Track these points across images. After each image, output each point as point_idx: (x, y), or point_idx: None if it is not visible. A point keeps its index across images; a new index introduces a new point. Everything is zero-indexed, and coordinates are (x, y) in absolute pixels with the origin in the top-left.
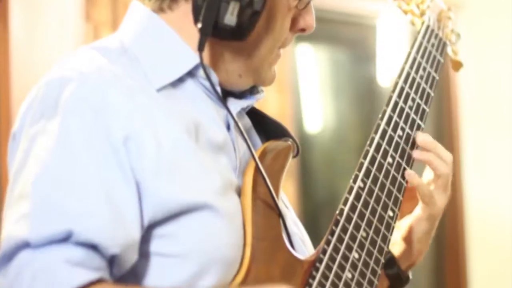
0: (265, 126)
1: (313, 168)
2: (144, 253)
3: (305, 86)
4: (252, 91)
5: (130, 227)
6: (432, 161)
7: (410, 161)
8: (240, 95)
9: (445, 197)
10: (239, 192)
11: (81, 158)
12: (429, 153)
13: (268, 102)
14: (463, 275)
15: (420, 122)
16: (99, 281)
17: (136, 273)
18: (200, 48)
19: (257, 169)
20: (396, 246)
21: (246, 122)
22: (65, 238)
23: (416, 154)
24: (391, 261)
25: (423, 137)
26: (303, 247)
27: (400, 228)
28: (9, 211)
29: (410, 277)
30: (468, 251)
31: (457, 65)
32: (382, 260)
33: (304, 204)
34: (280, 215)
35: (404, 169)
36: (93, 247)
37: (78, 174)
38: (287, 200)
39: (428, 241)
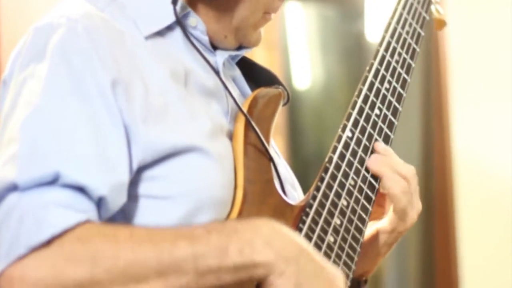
0: (255, 74)
1: (301, 125)
2: (134, 195)
3: (294, 44)
4: (239, 47)
5: (118, 169)
6: (384, 177)
7: (396, 114)
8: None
9: (413, 214)
10: (231, 137)
11: (69, 101)
12: (384, 168)
13: (257, 59)
14: (452, 232)
15: (406, 76)
16: (86, 222)
17: (126, 215)
18: (174, 1)
19: (245, 116)
20: None
21: (235, 71)
22: (53, 181)
23: (369, 163)
24: None
25: (383, 147)
26: (294, 193)
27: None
28: None
29: (362, 285)
30: (457, 206)
31: (441, 24)
32: (370, 208)
33: (293, 160)
34: (271, 160)
35: (390, 120)
36: (81, 189)
37: (66, 116)
38: (277, 148)
39: (384, 253)
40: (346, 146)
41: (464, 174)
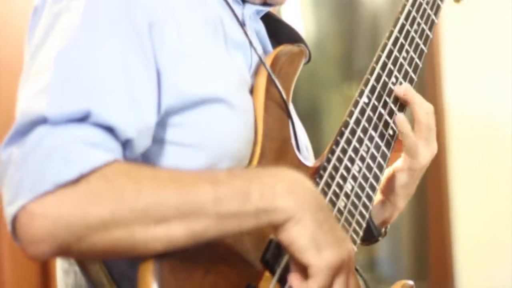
0: (278, 31)
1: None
2: (157, 139)
3: None
4: (265, 3)
5: (147, 112)
6: (414, 102)
7: (412, 83)
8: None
9: (428, 151)
10: (251, 91)
11: (106, 38)
12: (413, 93)
13: None
14: (445, 200)
15: (423, 47)
16: (114, 161)
17: (147, 159)
18: None
19: (268, 71)
20: None
21: (260, 26)
22: (83, 118)
23: (397, 89)
24: None
25: (404, 88)
26: (307, 154)
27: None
28: (26, 87)
29: (383, 233)
30: (450, 171)
31: None
32: (381, 177)
33: None
34: (290, 118)
35: (411, 78)
36: (110, 129)
37: (101, 54)
38: (294, 108)
39: (405, 196)
40: (362, 111)
41: (457, 131)
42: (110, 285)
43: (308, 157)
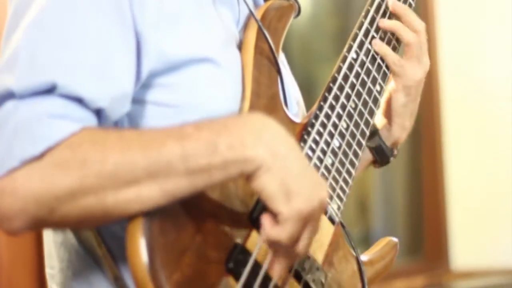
0: None
1: (289, 55)
2: (142, 100)
3: None
4: None
5: (121, 80)
6: (397, 29)
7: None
8: None
9: (419, 68)
10: (240, 47)
11: (78, 5)
12: (395, 22)
13: None
14: (439, 155)
15: (411, 1)
16: (82, 130)
17: (132, 120)
18: None
19: (259, 24)
20: (377, 121)
21: None
22: (49, 90)
23: (381, 23)
24: (373, 134)
25: (393, 2)
26: (298, 109)
27: (381, 104)
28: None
29: (395, 152)
30: (444, 129)
31: None
32: (367, 133)
33: None
34: (279, 73)
35: (394, 45)
36: (78, 100)
37: (73, 23)
38: (285, 60)
39: (408, 115)
40: (350, 67)
41: (451, 94)
42: (99, 245)
43: (298, 113)
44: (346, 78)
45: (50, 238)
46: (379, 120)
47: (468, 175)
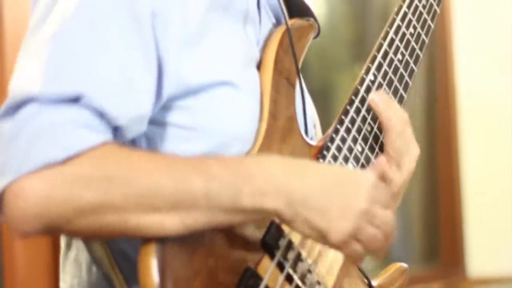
0: (289, 3)
1: (305, 63)
2: (161, 121)
3: None
4: None
5: (141, 102)
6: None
7: (418, 61)
8: None
9: (403, 174)
10: (259, 66)
11: (105, 24)
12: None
13: None
14: (455, 159)
15: (430, 23)
16: (105, 143)
17: (150, 141)
18: None
19: (281, 44)
20: None
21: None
22: (75, 100)
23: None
24: None
25: (378, 99)
26: (314, 131)
27: None
28: (21, 64)
29: None
30: (460, 131)
31: None
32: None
33: None
34: (302, 94)
35: (412, 68)
36: (100, 114)
37: (99, 38)
38: (303, 79)
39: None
40: (368, 89)
41: (467, 100)
42: (111, 265)
43: (315, 135)
44: (363, 100)
45: (63, 253)
46: None
47: (485, 181)
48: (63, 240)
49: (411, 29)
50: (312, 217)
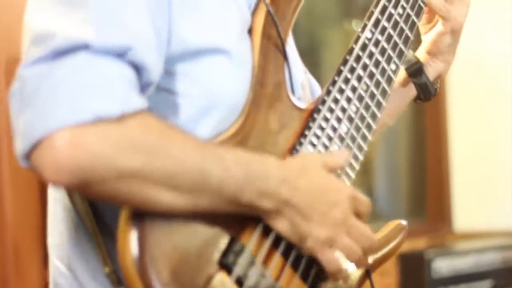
0: None
1: None
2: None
3: None
4: None
5: (162, 58)
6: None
7: (420, 13)
8: None
9: (464, 7)
10: (250, 31)
11: None
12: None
13: None
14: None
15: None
16: (145, 109)
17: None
18: None
19: (268, 10)
20: (421, 57)
21: None
22: (122, 54)
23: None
24: (419, 70)
25: None
26: (303, 92)
27: (424, 42)
28: (56, 12)
29: (438, 88)
30: (448, 91)
31: None
32: (379, 116)
33: None
34: (286, 59)
35: (413, 21)
36: (140, 70)
37: None
38: (293, 41)
39: (452, 52)
40: (364, 47)
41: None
42: (94, 230)
43: (303, 96)
44: (358, 59)
45: (52, 210)
46: (422, 56)
47: (471, 138)
48: (51, 197)
49: None
50: (296, 220)
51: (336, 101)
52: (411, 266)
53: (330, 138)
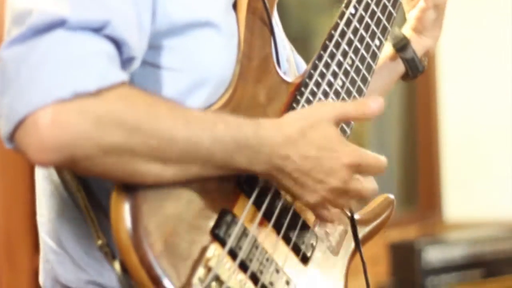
0: None
1: (285, 6)
2: (142, 62)
3: None
4: None
5: (146, 35)
6: None
7: None
8: None
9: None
10: (235, 6)
11: None
12: None
13: None
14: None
15: None
16: (126, 82)
17: (130, 82)
18: None
19: None
20: (407, 34)
21: None
22: (99, 28)
23: None
24: (406, 46)
25: None
26: (288, 66)
27: (409, 19)
28: None
29: (425, 64)
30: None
31: None
32: (365, 90)
33: None
34: (272, 33)
35: None
36: (120, 45)
37: None
38: (278, 17)
39: (438, 26)
40: (348, 23)
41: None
42: (86, 206)
43: (289, 71)
44: (343, 34)
45: (40, 187)
46: (409, 33)
47: (463, 128)
48: (39, 174)
49: None
50: (289, 184)
51: (322, 75)
52: (402, 256)
53: None
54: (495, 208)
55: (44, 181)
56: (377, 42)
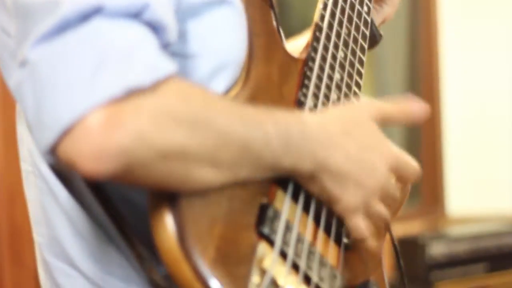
0: None
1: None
2: None
3: None
4: None
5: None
6: None
7: None
8: None
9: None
10: None
11: None
12: None
13: None
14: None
15: None
16: (175, 77)
17: None
18: None
19: None
20: None
21: None
22: (138, 13)
23: None
24: None
25: None
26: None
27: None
28: None
29: (382, 35)
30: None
31: None
32: (364, 60)
33: None
34: (272, 7)
35: None
36: (159, 30)
37: None
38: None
39: None
40: None
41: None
42: (106, 212)
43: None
44: (335, 2)
45: (35, 202)
46: None
47: (466, 121)
48: (34, 188)
49: None
50: (328, 185)
51: (326, 48)
52: (406, 250)
53: (328, 87)
54: (499, 202)
55: (44, 196)
56: (365, 8)
